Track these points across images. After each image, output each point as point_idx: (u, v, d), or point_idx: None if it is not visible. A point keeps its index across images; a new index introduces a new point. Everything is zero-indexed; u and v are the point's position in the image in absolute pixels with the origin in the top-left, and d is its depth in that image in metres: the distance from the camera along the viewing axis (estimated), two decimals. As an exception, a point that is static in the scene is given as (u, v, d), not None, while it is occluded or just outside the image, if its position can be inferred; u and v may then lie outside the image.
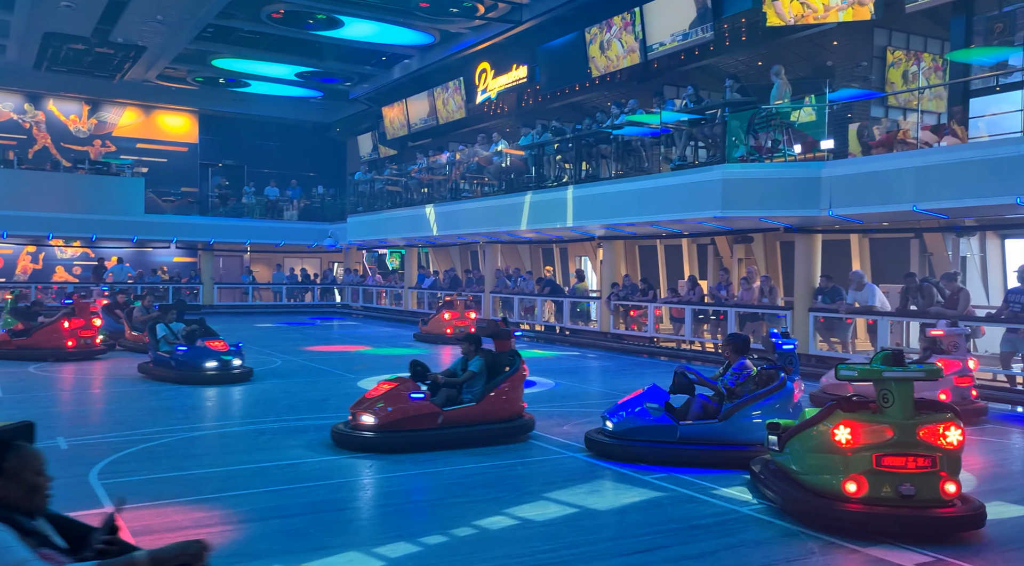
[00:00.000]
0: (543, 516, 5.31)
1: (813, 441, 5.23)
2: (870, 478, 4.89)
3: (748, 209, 12.67)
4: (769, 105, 12.92)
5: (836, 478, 4.99)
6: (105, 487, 5.80)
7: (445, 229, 20.51)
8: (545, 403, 9.66)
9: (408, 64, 23.81)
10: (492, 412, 7.43)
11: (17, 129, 26.68)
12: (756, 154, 12.88)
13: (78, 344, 13.55)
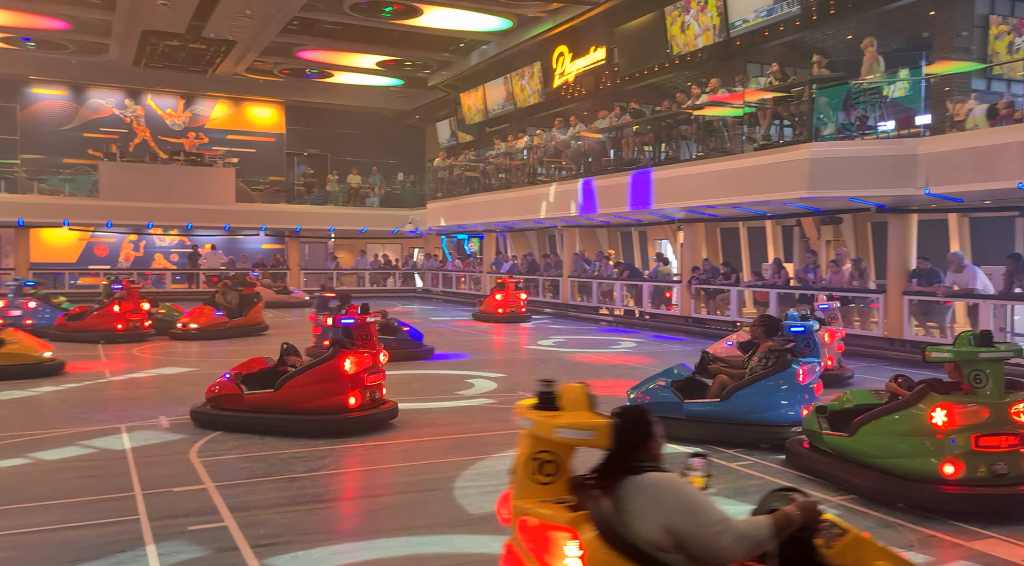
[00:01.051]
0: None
1: (902, 425, 5.14)
2: (967, 459, 4.84)
3: (837, 189, 12.23)
4: (860, 80, 12.40)
5: (931, 460, 4.93)
6: (204, 464, 6.10)
7: (522, 214, 20.56)
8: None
9: (486, 50, 23.88)
10: (292, 401, 7.09)
11: (119, 124, 28.10)
12: (846, 132, 12.39)
13: (127, 327, 14.15)
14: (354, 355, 7.19)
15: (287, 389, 7.16)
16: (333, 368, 7.08)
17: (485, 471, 5.99)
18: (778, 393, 6.60)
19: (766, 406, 6.60)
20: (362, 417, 7.18)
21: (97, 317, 14.20)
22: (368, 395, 7.28)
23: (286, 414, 7.13)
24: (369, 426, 7.20)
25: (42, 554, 4.28)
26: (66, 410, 8.25)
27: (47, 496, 5.30)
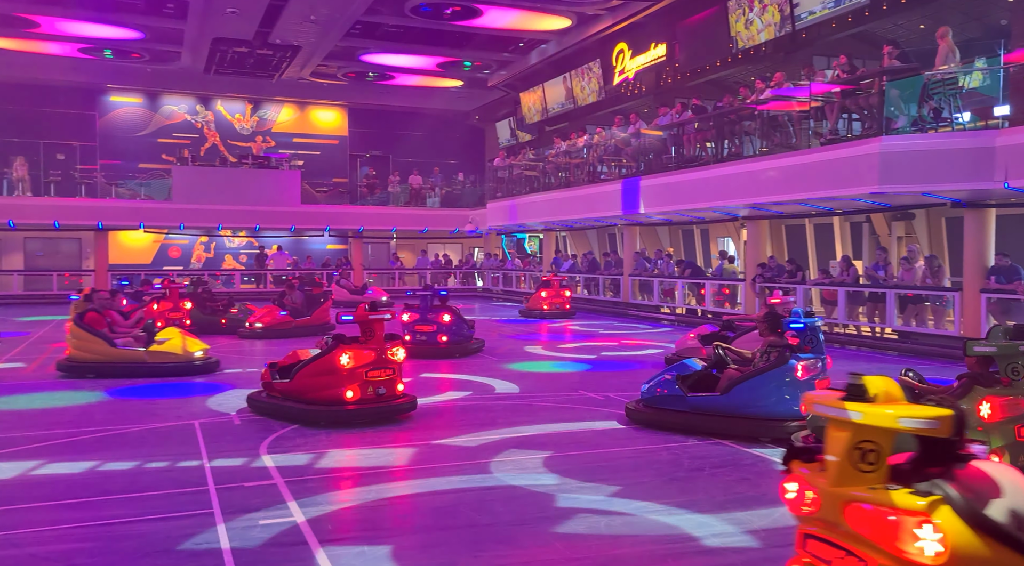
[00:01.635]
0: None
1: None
2: (1011, 450, 4.97)
3: (910, 183, 11.83)
4: (934, 71, 11.96)
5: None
6: (274, 460, 6.27)
7: (582, 212, 20.50)
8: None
9: (545, 49, 23.88)
10: (301, 392, 7.59)
11: (190, 129, 29.08)
12: (919, 124, 11.97)
13: (166, 324, 14.55)
14: (352, 350, 7.45)
15: (297, 379, 7.64)
16: (330, 362, 7.45)
17: (536, 470, 6.00)
18: (777, 387, 6.81)
19: (764, 400, 6.80)
20: (360, 410, 7.47)
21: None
22: (371, 390, 7.50)
23: (298, 403, 7.61)
24: (368, 419, 7.47)
25: (123, 545, 4.46)
26: (141, 405, 8.58)
27: (127, 489, 5.53)
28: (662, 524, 4.88)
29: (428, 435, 7.16)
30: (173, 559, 4.26)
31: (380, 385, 7.55)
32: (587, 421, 7.77)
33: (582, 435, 7.22)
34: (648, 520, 4.95)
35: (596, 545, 4.53)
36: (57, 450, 6.62)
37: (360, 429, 7.29)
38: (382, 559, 4.32)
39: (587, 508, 5.14)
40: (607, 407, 8.38)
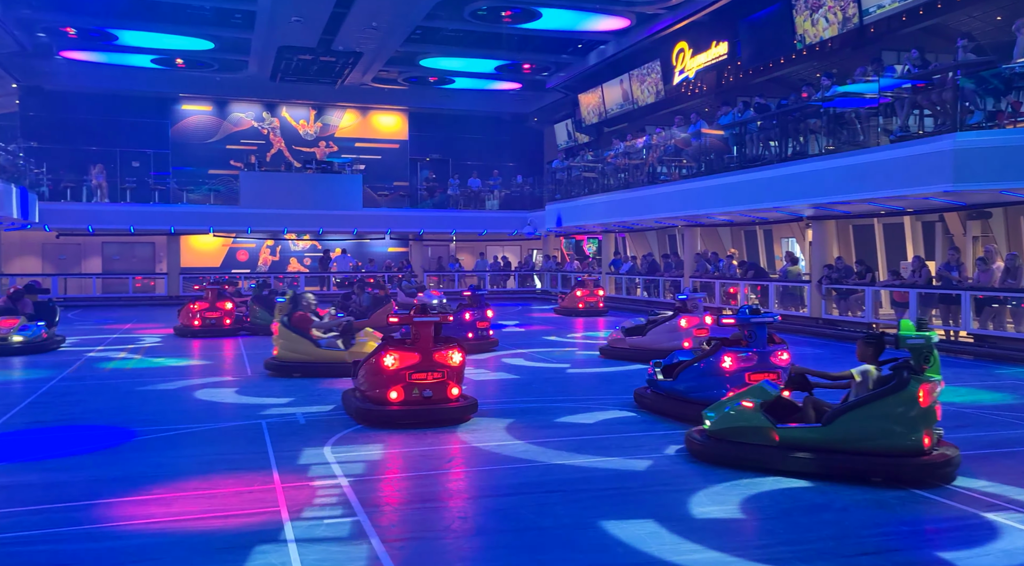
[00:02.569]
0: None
1: (897, 408, 5.53)
2: (933, 433, 5.65)
3: (986, 181, 11.36)
4: (1012, 63, 11.46)
5: (915, 433, 5.53)
6: (338, 460, 6.39)
7: (642, 214, 20.32)
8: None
9: (604, 50, 23.77)
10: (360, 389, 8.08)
11: (257, 135, 29.90)
12: (996, 119, 11.49)
13: (203, 324, 15.57)
14: (397, 352, 7.56)
15: (360, 377, 8.01)
16: (376, 363, 7.68)
17: (604, 475, 5.96)
18: (698, 379, 7.57)
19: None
20: (405, 412, 7.58)
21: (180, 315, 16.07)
22: (416, 392, 7.57)
23: (359, 402, 7.86)
24: (414, 421, 7.51)
25: (195, 540, 4.61)
26: (211, 406, 8.84)
27: (197, 486, 5.71)
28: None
29: (488, 436, 7.19)
30: (242, 556, 4.38)
31: (427, 388, 7.54)
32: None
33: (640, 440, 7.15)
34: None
35: (655, 551, 4.48)
36: (133, 447, 6.88)
37: (420, 430, 7.37)
38: (445, 560, 4.37)
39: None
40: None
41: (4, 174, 19.79)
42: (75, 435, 7.40)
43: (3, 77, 24.30)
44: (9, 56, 22.73)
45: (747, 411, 6.04)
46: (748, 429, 5.98)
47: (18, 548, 4.50)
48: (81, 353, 13.19)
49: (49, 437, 7.34)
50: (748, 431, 5.98)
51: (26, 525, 4.88)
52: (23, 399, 9.13)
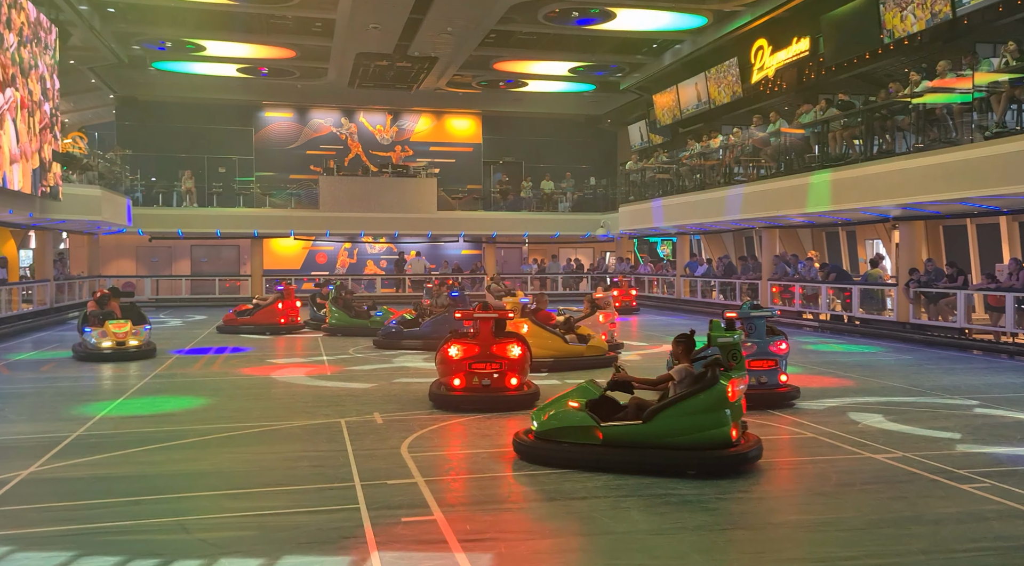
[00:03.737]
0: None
1: (708, 401, 5.90)
2: (740, 424, 6.09)
3: (1091, 180, 10.70)
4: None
5: (724, 426, 5.90)
6: (414, 459, 6.49)
7: (718, 215, 19.93)
8: (840, 396, 9.03)
9: (679, 49, 23.43)
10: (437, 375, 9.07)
11: (335, 141, 30.67)
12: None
13: (288, 321, 16.99)
14: (461, 344, 8.51)
15: (437, 365, 8.90)
16: (443, 353, 8.60)
17: (669, 480, 5.87)
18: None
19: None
20: (464, 397, 8.45)
21: (264, 313, 16.96)
22: (476, 380, 8.44)
23: (434, 387, 8.86)
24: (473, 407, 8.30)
25: (279, 535, 4.76)
26: (293, 404, 9.11)
27: (282, 482, 5.88)
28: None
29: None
30: (324, 551, 4.49)
31: (486, 377, 8.38)
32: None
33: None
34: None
35: (736, 560, 4.39)
36: (218, 444, 7.15)
37: (496, 433, 7.41)
38: (520, 562, 4.38)
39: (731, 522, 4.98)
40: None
41: (101, 181, 20.88)
42: (169, 430, 7.74)
43: (101, 89, 25.63)
44: (107, 69, 23.96)
45: (573, 411, 6.24)
46: (574, 429, 6.17)
47: (115, 537, 4.72)
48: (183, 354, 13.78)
49: (143, 430, 7.70)
50: (574, 431, 6.16)
51: (123, 515, 5.13)
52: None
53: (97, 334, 12.76)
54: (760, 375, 8.33)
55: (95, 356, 12.58)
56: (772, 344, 8.47)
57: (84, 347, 12.83)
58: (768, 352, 8.45)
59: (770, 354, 8.44)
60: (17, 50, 15.28)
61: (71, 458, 6.53)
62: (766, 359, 8.41)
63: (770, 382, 8.40)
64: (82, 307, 21.65)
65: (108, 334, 12.74)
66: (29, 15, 16.00)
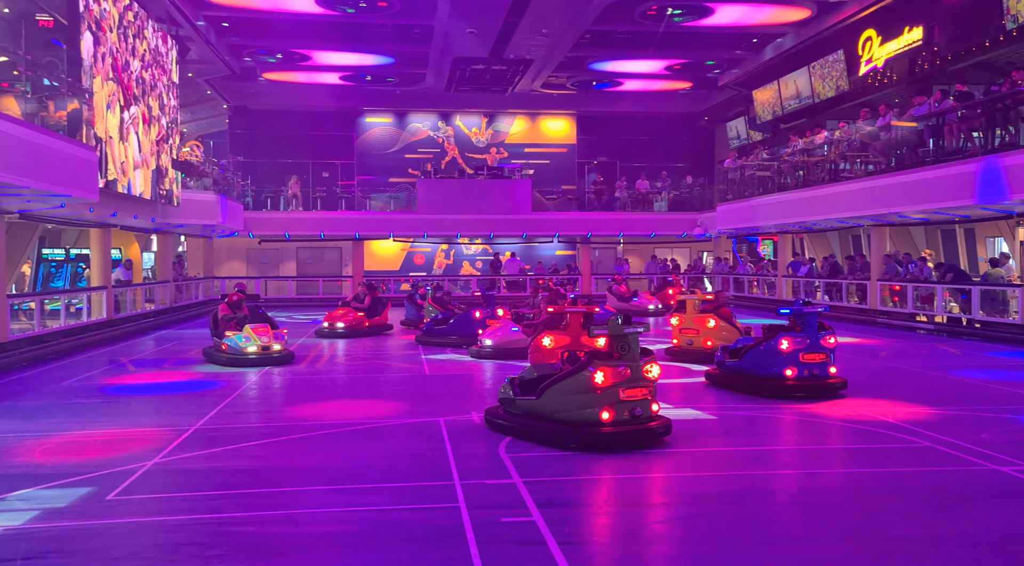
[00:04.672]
0: (956, 537, 4.73)
1: (575, 385, 6.83)
2: (617, 407, 6.77)
3: None
4: None
5: (593, 408, 6.74)
6: (512, 460, 6.56)
7: (822, 213, 19.19)
8: (962, 404, 8.56)
9: (781, 43, 22.71)
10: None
11: (432, 144, 31.30)
12: None
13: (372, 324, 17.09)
14: (553, 334, 9.59)
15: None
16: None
17: (785, 488, 5.70)
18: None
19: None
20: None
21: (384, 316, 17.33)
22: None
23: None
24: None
25: (384, 531, 4.90)
26: (395, 403, 9.37)
27: (384, 478, 6.07)
28: (924, 559, 4.42)
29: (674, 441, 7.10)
30: (425, 548, 4.61)
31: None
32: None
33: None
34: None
35: (846, 575, 4.23)
36: (326, 440, 7.43)
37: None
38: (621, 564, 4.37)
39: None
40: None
41: (216, 187, 22.05)
42: (285, 425, 8.11)
43: (216, 100, 27.05)
44: (221, 80, 25.28)
45: (505, 385, 7.63)
46: (505, 400, 7.53)
47: (229, 528, 4.98)
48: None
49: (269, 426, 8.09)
50: (507, 401, 7.52)
51: (237, 507, 5.41)
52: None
53: (241, 338, 12.24)
54: (812, 367, 9.01)
55: (238, 361, 12.06)
56: (822, 338, 9.10)
57: (223, 351, 12.30)
58: (820, 346, 9.07)
59: (821, 348, 9.07)
60: (139, 73, 16.45)
61: (190, 451, 6.94)
62: (817, 352, 9.05)
63: (820, 374, 9.04)
64: (200, 307, 23.07)
65: (253, 338, 12.25)
66: (150, 43, 17.29)
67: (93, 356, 13.73)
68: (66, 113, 13.19)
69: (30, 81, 12.42)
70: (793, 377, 8.99)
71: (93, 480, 5.98)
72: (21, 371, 11.85)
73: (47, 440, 7.37)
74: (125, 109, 15.73)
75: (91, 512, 5.27)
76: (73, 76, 13.37)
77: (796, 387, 9.02)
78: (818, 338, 9.09)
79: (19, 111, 12.05)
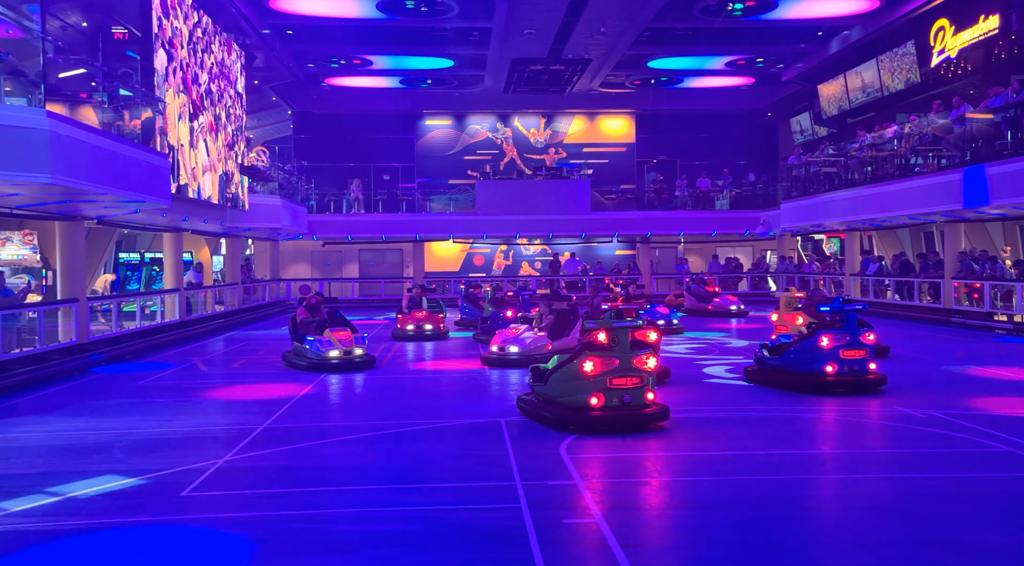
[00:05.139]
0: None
1: (568, 373, 7.59)
2: (606, 394, 7.43)
3: None
4: None
5: (583, 394, 7.46)
6: (573, 461, 6.54)
7: (893, 210, 18.58)
8: None
9: (847, 35, 22.09)
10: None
11: (491, 145, 31.46)
12: None
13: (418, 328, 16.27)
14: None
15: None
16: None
17: (853, 493, 5.54)
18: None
19: None
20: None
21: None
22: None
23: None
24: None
25: (447, 531, 4.95)
26: (455, 402, 9.45)
27: (446, 478, 6.13)
28: None
29: (728, 444, 6.98)
30: (488, 548, 4.64)
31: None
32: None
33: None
34: (986, 564, 4.34)
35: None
36: (390, 439, 7.54)
37: (654, 434, 7.33)
38: (682, 571, 4.31)
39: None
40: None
41: (281, 191, 22.61)
42: (344, 428, 8.27)
43: (281, 105, 27.74)
44: (285, 86, 25.91)
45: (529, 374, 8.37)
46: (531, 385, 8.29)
47: (297, 525, 5.10)
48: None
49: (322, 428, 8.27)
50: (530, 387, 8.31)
51: (304, 505, 5.54)
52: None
53: (322, 343, 11.76)
54: (853, 364, 9.23)
55: (320, 366, 11.59)
56: (862, 335, 9.36)
57: (304, 356, 11.89)
58: (859, 342, 9.30)
59: (860, 344, 9.29)
60: (207, 85, 17.06)
61: (260, 449, 7.13)
62: (857, 349, 9.27)
63: (860, 370, 9.27)
64: (267, 309, 23.70)
65: (335, 343, 11.77)
66: (216, 57, 17.92)
67: (167, 356, 14.23)
68: (140, 122, 13.72)
69: (107, 91, 12.94)
70: (833, 373, 9.19)
71: (168, 477, 6.21)
72: (100, 370, 12.37)
73: (125, 437, 7.68)
74: (194, 118, 16.28)
75: (167, 508, 5.47)
76: (147, 86, 13.90)
77: (836, 383, 9.21)
78: (857, 335, 9.30)
79: (97, 121, 12.57)
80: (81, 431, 7.99)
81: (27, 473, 6.41)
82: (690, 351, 13.76)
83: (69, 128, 10.13)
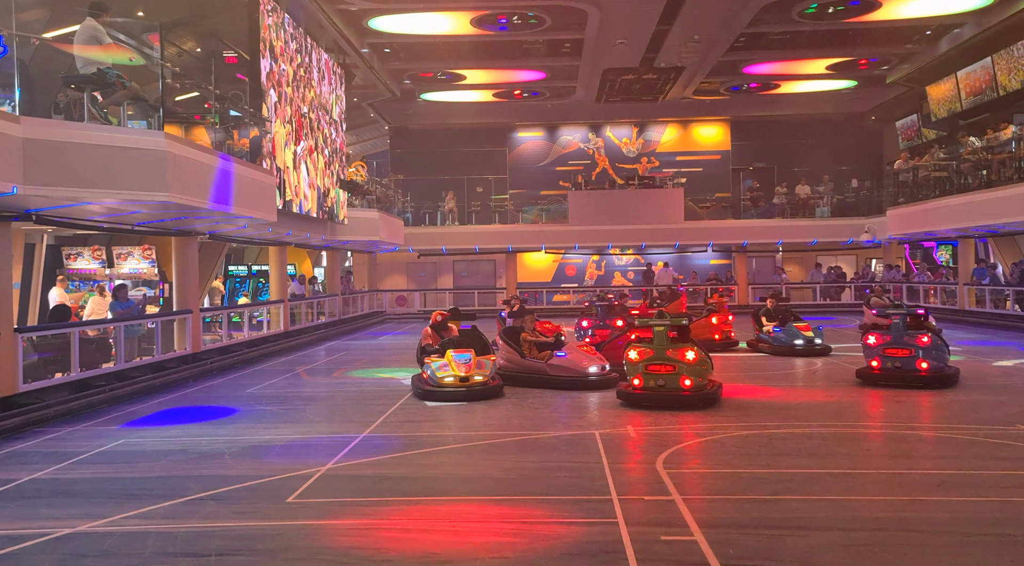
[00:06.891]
0: None
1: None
2: (644, 377, 9.58)
3: None
4: None
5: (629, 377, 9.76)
6: (670, 475, 6.43)
7: (1011, 215, 17.46)
8: None
9: (958, 34, 20.97)
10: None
11: (583, 156, 31.44)
12: None
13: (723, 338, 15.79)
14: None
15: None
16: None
17: (976, 518, 5.22)
18: None
19: None
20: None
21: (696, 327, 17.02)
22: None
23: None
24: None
25: (543, 544, 4.96)
26: (549, 414, 9.45)
27: (542, 491, 6.13)
28: None
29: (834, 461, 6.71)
30: (585, 563, 4.61)
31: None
32: None
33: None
34: None
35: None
36: (485, 451, 7.62)
37: (759, 450, 7.11)
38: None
39: None
40: None
41: (379, 205, 23.25)
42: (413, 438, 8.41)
43: (378, 121, 28.57)
44: (382, 103, 26.69)
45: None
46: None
47: (396, 534, 5.21)
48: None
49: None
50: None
51: (402, 514, 5.64)
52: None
53: (439, 367, 10.32)
54: (895, 361, 10.52)
55: (434, 395, 10.20)
56: (907, 336, 10.56)
57: (425, 382, 10.48)
58: (903, 342, 10.54)
59: (904, 344, 10.51)
60: (308, 114, 17.89)
61: (359, 457, 7.34)
62: (900, 348, 10.53)
63: (904, 367, 10.48)
64: (365, 319, 24.40)
65: (451, 368, 10.28)
66: (316, 90, 18.81)
67: (274, 365, 14.84)
68: (248, 141, 14.42)
69: (218, 113, 13.67)
70: (878, 368, 10.68)
71: (274, 483, 6.47)
72: (211, 379, 13.02)
73: (234, 444, 8.05)
74: (297, 144, 17.09)
75: (273, 514, 5.70)
76: (255, 106, 14.60)
77: (879, 376, 10.63)
78: (902, 336, 10.56)
79: (209, 141, 13.29)
80: (195, 437, 8.42)
81: (147, 476, 6.81)
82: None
83: (184, 148, 10.73)
